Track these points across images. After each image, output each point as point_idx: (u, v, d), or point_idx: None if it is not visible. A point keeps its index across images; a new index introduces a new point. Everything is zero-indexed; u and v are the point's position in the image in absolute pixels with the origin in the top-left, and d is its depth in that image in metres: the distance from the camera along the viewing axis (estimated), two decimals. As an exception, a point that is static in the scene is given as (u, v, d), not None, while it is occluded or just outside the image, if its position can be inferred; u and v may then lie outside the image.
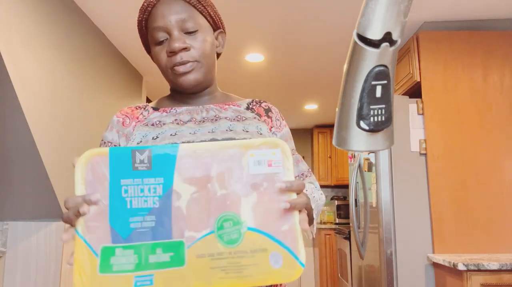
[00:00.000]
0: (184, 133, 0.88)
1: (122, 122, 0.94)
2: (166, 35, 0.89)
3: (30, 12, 1.98)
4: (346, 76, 0.43)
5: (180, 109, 0.95)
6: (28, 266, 2.21)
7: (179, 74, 0.89)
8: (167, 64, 0.89)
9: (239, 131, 0.89)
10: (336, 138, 0.43)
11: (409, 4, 0.40)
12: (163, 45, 0.89)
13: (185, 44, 0.87)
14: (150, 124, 0.92)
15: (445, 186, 2.45)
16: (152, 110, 0.96)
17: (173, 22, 0.88)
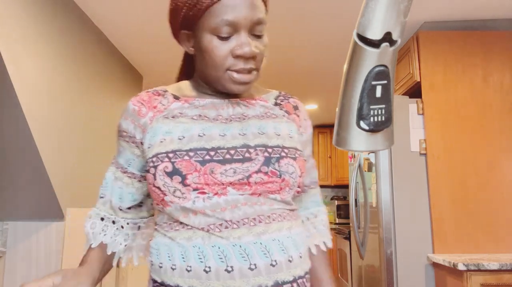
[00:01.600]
0: (213, 135, 0.79)
1: (138, 111, 0.84)
2: (232, 31, 0.77)
3: (30, 12, 1.98)
4: (346, 76, 0.43)
5: (203, 101, 0.85)
6: (28, 266, 2.21)
7: (236, 81, 0.79)
8: (225, 63, 0.78)
9: (271, 135, 0.82)
10: (336, 138, 0.43)
11: (409, 4, 0.40)
12: (226, 41, 0.77)
13: (256, 51, 0.78)
14: (171, 116, 0.82)
15: (445, 186, 2.45)
16: (172, 98, 0.85)
17: (248, 21, 0.76)
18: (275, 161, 0.77)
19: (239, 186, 0.75)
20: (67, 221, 2.30)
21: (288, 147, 0.81)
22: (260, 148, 0.78)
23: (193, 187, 0.74)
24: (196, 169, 0.74)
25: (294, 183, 0.80)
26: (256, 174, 0.76)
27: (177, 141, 0.78)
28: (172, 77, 3.68)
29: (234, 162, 0.76)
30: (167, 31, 3.30)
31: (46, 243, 2.23)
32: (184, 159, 0.75)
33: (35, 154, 2.00)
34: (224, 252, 0.73)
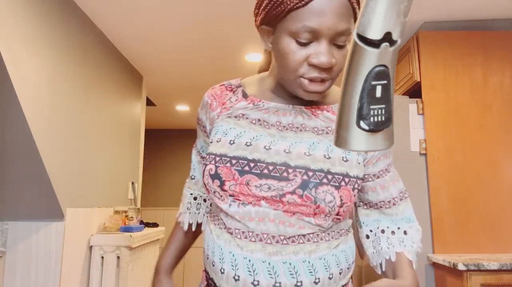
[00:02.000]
0: (259, 145, 0.79)
1: (210, 104, 0.89)
2: (313, 38, 0.74)
3: (30, 12, 1.98)
4: (346, 76, 0.43)
5: (269, 104, 0.84)
6: (28, 266, 2.21)
7: (306, 89, 0.77)
8: (299, 70, 0.76)
9: (318, 157, 0.77)
10: (336, 138, 0.43)
11: (409, 4, 0.40)
12: (304, 47, 0.74)
13: (334, 62, 0.74)
14: (234, 116, 0.85)
15: (444, 186, 2.45)
16: (241, 96, 0.87)
17: (332, 31, 0.73)
18: (313, 186, 0.75)
19: (273, 202, 0.76)
20: (67, 221, 2.30)
21: (334, 173, 0.76)
22: (300, 170, 0.76)
23: (230, 193, 0.78)
24: (234, 178, 0.77)
25: (331, 211, 0.76)
26: (290, 195, 0.75)
27: (227, 145, 0.81)
28: (172, 77, 3.69)
29: (270, 178, 0.76)
30: (167, 31, 3.29)
31: (46, 243, 2.23)
32: (226, 166, 0.78)
33: (35, 154, 2.00)
34: (236, 260, 0.76)
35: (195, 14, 2.61)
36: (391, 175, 0.89)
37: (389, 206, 0.87)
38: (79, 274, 2.48)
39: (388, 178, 0.88)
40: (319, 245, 0.77)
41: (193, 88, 4.17)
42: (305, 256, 0.76)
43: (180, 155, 6.06)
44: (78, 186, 2.47)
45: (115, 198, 3.10)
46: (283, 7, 0.74)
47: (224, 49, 3.16)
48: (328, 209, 0.75)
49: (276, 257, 0.75)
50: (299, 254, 0.75)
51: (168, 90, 4.27)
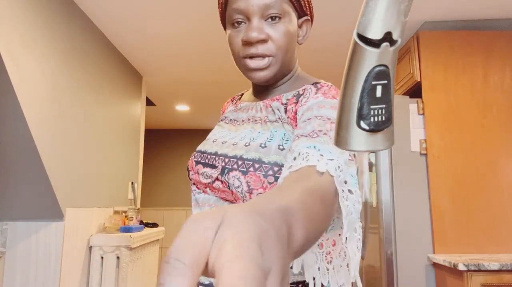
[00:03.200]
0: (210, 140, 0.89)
1: (223, 108, 1.01)
2: (244, 19, 0.79)
3: (30, 12, 1.98)
4: (346, 76, 0.42)
5: (244, 104, 0.90)
6: (28, 266, 2.21)
7: (250, 68, 0.80)
8: (240, 52, 0.81)
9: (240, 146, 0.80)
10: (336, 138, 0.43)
11: (410, 4, 0.39)
12: (239, 30, 0.80)
13: (263, 35, 0.78)
14: (221, 120, 0.95)
15: (445, 186, 2.45)
16: (237, 99, 0.98)
17: (255, 6, 0.77)
18: (227, 172, 0.78)
19: (212, 188, 0.83)
20: (67, 221, 2.30)
21: (245, 159, 0.75)
22: (222, 157, 0.81)
23: (192, 181, 0.87)
24: (192, 168, 0.87)
25: (243, 197, 0.74)
26: (217, 181, 0.80)
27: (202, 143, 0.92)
28: (172, 77, 3.70)
29: (208, 166, 0.83)
30: (167, 31, 3.29)
31: (45, 243, 2.23)
32: (191, 159, 0.89)
33: (35, 154, 1.99)
34: None
35: (195, 14, 2.61)
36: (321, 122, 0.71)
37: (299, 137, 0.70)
38: (79, 274, 2.48)
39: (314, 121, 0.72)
40: None
41: (193, 88, 4.16)
42: None
43: (180, 155, 6.06)
44: (78, 186, 2.47)
45: (115, 198, 3.10)
46: (221, 2, 0.84)
47: (224, 49, 3.16)
48: (240, 195, 0.74)
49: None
50: None
51: (168, 90, 4.26)
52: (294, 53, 0.85)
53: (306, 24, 0.86)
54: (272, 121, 0.81)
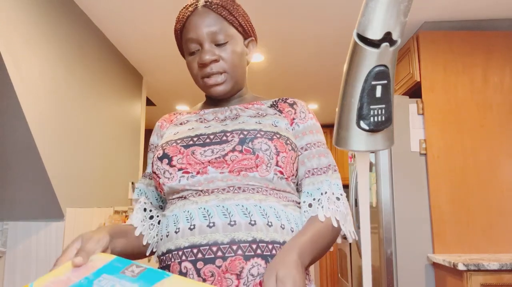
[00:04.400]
0: (200, 127, 0.94)
1: (160, 125, 1.05)
2: (198, 46, 0.93)
3: (30, 12, 1.98)
4: (346, 76, 0.42)
5: (208, 110, 1.01)
6: (28, 266, 2.21)
7: (209, 85, 0.94)
8: (198, 74, 0.95)
9: (250, 123, 0.91)
10: (336, 138, 0.43)
11: (409, 4, 0.39)
12: (195, 56, 0.94)
13: (214, 56, 0.92)
14: (179, 123, 1.00)
15: (445, 186, 2.45)
16: (185, 113, 1.04)
17: (205, 34, 0.92)
18: (249, 140, 0.86)
19: (218, 164, 0.86)
20: (67, 221, 2.30)
21: (266, 131, 0.88)
22: (236, 132, 0.89)
23: (178, 167, 0.87)
24: (180, 152, 0.88)
25: (269, 160, 0.85)
26: (232, 153, 0.86)
27: (171, 136, 0.94)
28: (172, 77, 3.70)
29: (212, 144, 0.88)
30: (168, 31, 3.29)
31: (46, 243, 2.23)
32: (172, 146, 0.90)
33: (35, 154, 2.00)
34: (191, 214, 0.84)
35: (195, 14, 2.61)
36: (319, 150, 0.95)
37: (308, 175, 0.93)
38: (79, 274, 2.47)
39: (314, 151, 0.95)
40: (268, 197, 0.85)
41: (193, 88, 4.16)
42: (256, 201, 0.84)
43: (180, 155, 6.05)
44: (78, 186, 2.47)
45: (115, 198, 3.10)
46: (176, 34, 0.98)
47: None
48: (266, 157, 0.85)
49: (229, 201, 0.83)
50: (250, 200, 0.84)
51: (168, 90, 4.27)
52: (245, 70, 0.99)
53: (251, 44, 1.03)
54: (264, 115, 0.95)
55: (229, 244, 0.79)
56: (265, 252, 0.80)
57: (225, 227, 0.80)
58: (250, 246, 0.79)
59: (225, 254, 0.79)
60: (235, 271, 0.78)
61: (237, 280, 0.78)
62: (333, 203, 0.88)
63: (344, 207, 0.89)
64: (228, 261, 0.78)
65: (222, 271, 0.78)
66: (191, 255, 0.80)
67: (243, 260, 0.79)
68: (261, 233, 0.81)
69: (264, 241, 0.80)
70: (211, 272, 0.79)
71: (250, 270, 0.79)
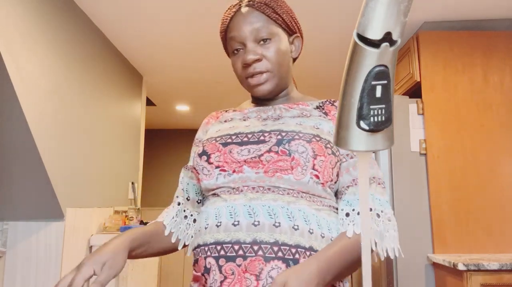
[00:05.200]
0: (239, 126, 0.94)
1: (207, 122, 1.07)
2: (241, 46, 0.93)
3: (30, 12, 1.98)
4: (346, 76, 0.42)
5: (252, 109, 1.00)
6: (28, 266, 2.21)
7: (252, 85, 0.94)
8: (242, 74, 0.95)
9: (290, 124, 0.90)
10: (336, 138, 0.43)
11: (409, 4, 0.40)
12: (239, 55, 0.94)
13: (257, 56, 0.91)
14: (224, 121, 1.01)
15: (445, 186, 2.45)
16: (232, 111, 1.04)
17: (247, 33, 0.92)
18: (287, 142, 0.85)
19: (253, 164, 0.86)
20: (67, 221, 2.30)
21: (305, 133, 0.87)
22: (274, 132, 0.88)
23: (216, 165, 0.89)
24: (218, 150, 0.90)
25: (306, 163, 0.83)
26: (268, 153, 0.85)
27: (214, 133, 0.96)
28: (172, 77, 3.71)
29: (250, 143, 0.88)
30: (168, 32, 3.28)
31: (46, 243, 2.23)
32: (211, 143, 0.92)
33: (35, 154, 2.00)
34: (219, 211, 0.85)
35: (195, 14, 2.61)
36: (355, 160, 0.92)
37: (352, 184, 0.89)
38: (79, 274, 2.47)
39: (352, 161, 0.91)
40: (298, 199, 0.84)
41: (193, 88, 4.16)
42: (283, 203, 0.83)
43: (180, 155, 6.06)
44: (78, 186, 2.47)
45: (115, 198, 3.10)
46: (222, 35, 0.99)
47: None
48: (302, 160, 0.83)
49: (256, 201, 0.83)
50: (278, 201, 0.83)
51: (168, 90, 4.27)
52: (289, 69, 0.98)
53: (297, 40, 1.00)
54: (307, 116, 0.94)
55: (251, 244, 0.79)
56: (286, 256, 0.79)
57: (248, 227, 0.81)
58: (272, 248, 0.79)
59: (246, 254, 0.79)
60: (254, 272, 0.78)
61: (256, 281, 0.78)
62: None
63: (384, 225, 0.85)
64: (248, 261, 0.79)
65: (242, 270, 0.79)
66: (215, 252, 0.82)
67: (263, 261, 0.78)
68: (285, 236, 0.80)
69: (287, 244, 0.79)
70: (232, 270, 0.79)
71: (270, 272, 0.78)
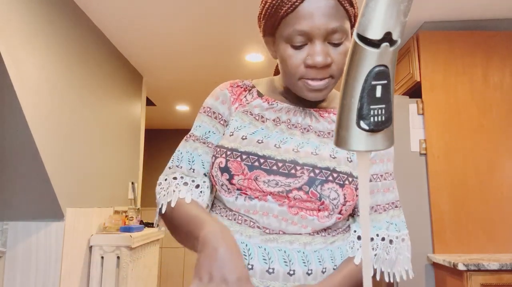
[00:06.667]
0: (269, 144, 0.81)
1: (230, 97, 0.90)
2: (306, 40, 0.77)
3: (30, 12, 1.98)
4: (346, 76, 0.42)
5: (282, 104, 0.88)
6: (28, 266, 2.21)
7: (308, 89, 0.80)
8: (299, 73, 0.79)
9: (324, 156, 0.80)
10: (336, 138, 0.43)
11: (409, 4, 0.40)
12: (300, 51, 0.78)
13: (329, 60, 0.77)
14: (249, 112, 0.87)
15: (445, 186, 2.45)
16: (256, 95, 0.89)
17: (322, 30, 0.75)
18: (319, 183, 0.77)
19: (279, 197, 0.78)
20: (67, 221, 2.30)
21: (339, 172, 0.78)
22: (307, 167, 0.78)
23: (237, 187, 0.80)
24: (243, 173, 0.79)
25: (334, 209, 0.78)
26: (296, 191, 0.77)
27: (239, 140, 0.82)
28: (172, 77, 3.70)
29: (278, 174, 0.78)
30: (168, 31, 3.29)
31: (46, 243, 2.23)
32: (236, 160, 0.80)
33: (35, 154, 2.00)
34: None
35: (195, 14, 2.61)
36: (385, 183, 0.87)
37: (371, 212, 0.86)
38: (79, 274, 2.48)
39: (380, 184, 0.87)
40: (314, 238, 0.79)
41: (193, 88, 4.16)
42: (300, 246, 0.78)
43: (180, 155, 6.05)
44: (78, 186, 2.47)
45: (115, 198, 3.10)
46: (276, 16, 0.79)
47: (224, 49, 3.16)
48: (331, 207, 0.77)
49: (272, 244, 0.77)
50: (294, 243, 0.77)
51: (168, 90, 4.27)
52: None
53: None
54: None
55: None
56: None
57: (262, 273, 0.75)
58: None
59: None
60: None
61: None
62: (381, 248, 0.82)
63: (396, 250, 0.83)
64: None
65: None
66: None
67: None
68: (298, 282, 0.76)
69: None
70: None
71: None
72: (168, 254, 5.67)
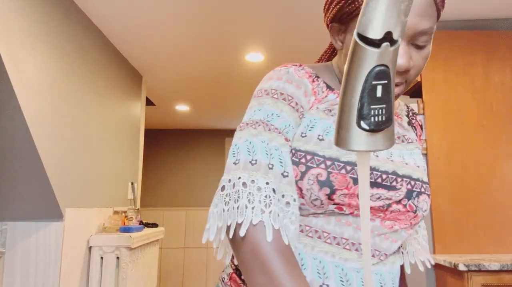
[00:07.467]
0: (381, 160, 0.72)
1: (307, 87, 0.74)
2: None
3: (29, 12, 1.98)
4: (347, 75, 0.42)
5: None
6: (28, 266, 2.21)
7: None
8: None
9: (413, 166, 0.76)
10: (336, 138, 0.43)
11: (410, 4, 0.39)
12: None
13: (411, 64, 0.68)
14: (327, 109, 0.73)
15: (445, 186, 2.45)
16: (325, 87, 0.75)
17: (410, 30, 0.66)
18: (415, 196, 0.73)
19: (376, 212, 0.70)
20: (66, 221, 2.29)
21: (425, 183, 0.77)
22: (406, 179, 0.73)
23: (336, 202, 0.67)
24: (347, 187, 0.66)
25: (421, 220, 0.77)
26: (396, 204, 0.71)
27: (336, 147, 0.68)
28: (172, 77, 3.69)
29: (381, 187, 0.70)
30: (167, 31, 3.28)
31: (45, 243, 2.23)
32: (341, 173, 0.66)
33: (35, 154, 1.99)
34: (324, 268, 0.68)
35: (195, 14, 2.61)
36: None
37: None
38: (79, 275, 2.48)
39: None
40: (396, 256, 0.78)
41: (193, 88, 4.16)
42: (391, 268, 0.75)
43: (180, 155, 6.06)
44: (77, 186, 2.47)
45: (114, 198, 3.10)
46: (357, 3, 0.68)
47: (224, 49, 3.16)
48: (420, 218, 0.75)
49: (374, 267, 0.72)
50: (387, 265, 0.74)
51: (168, 90, 4.27)
52: None
53: None
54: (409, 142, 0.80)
55: None
56: None
57: None
58: None
59: None
60: None
61: None
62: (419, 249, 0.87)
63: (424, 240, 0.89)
64: None
65: None
66: None
67: None
68: None
69: None
70: None
71: None
72: (168, 254, 5.67)
